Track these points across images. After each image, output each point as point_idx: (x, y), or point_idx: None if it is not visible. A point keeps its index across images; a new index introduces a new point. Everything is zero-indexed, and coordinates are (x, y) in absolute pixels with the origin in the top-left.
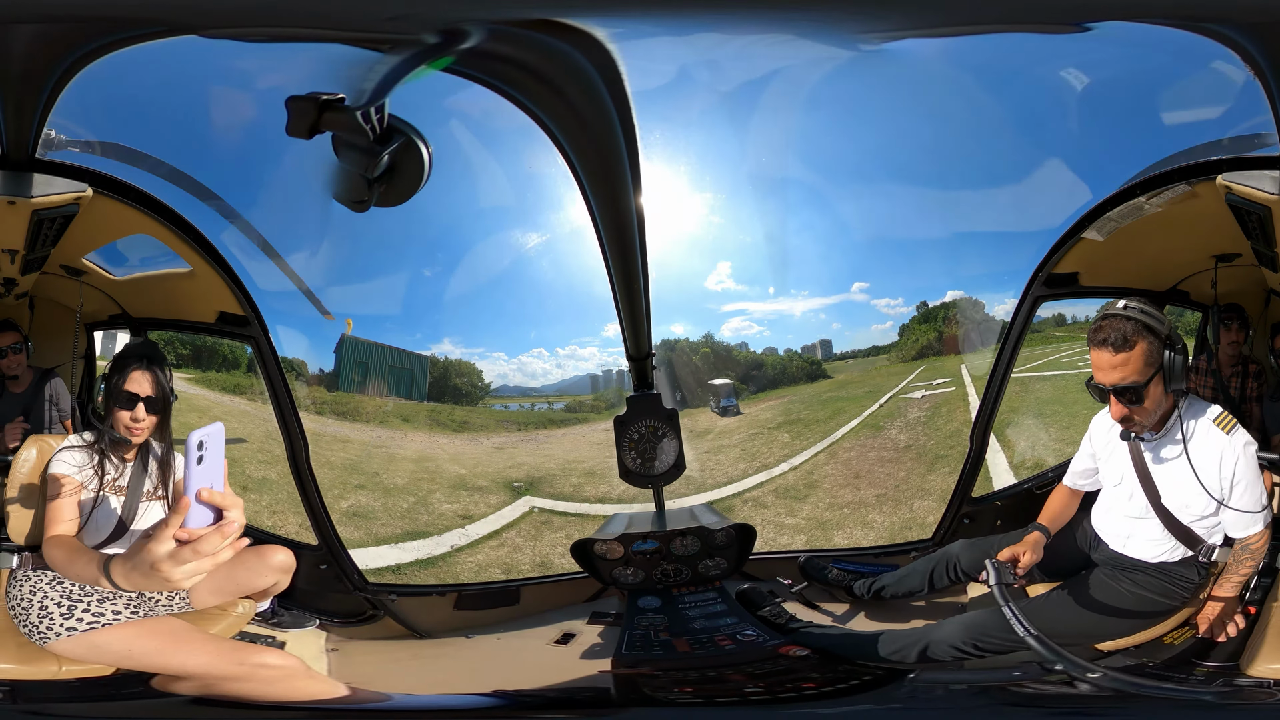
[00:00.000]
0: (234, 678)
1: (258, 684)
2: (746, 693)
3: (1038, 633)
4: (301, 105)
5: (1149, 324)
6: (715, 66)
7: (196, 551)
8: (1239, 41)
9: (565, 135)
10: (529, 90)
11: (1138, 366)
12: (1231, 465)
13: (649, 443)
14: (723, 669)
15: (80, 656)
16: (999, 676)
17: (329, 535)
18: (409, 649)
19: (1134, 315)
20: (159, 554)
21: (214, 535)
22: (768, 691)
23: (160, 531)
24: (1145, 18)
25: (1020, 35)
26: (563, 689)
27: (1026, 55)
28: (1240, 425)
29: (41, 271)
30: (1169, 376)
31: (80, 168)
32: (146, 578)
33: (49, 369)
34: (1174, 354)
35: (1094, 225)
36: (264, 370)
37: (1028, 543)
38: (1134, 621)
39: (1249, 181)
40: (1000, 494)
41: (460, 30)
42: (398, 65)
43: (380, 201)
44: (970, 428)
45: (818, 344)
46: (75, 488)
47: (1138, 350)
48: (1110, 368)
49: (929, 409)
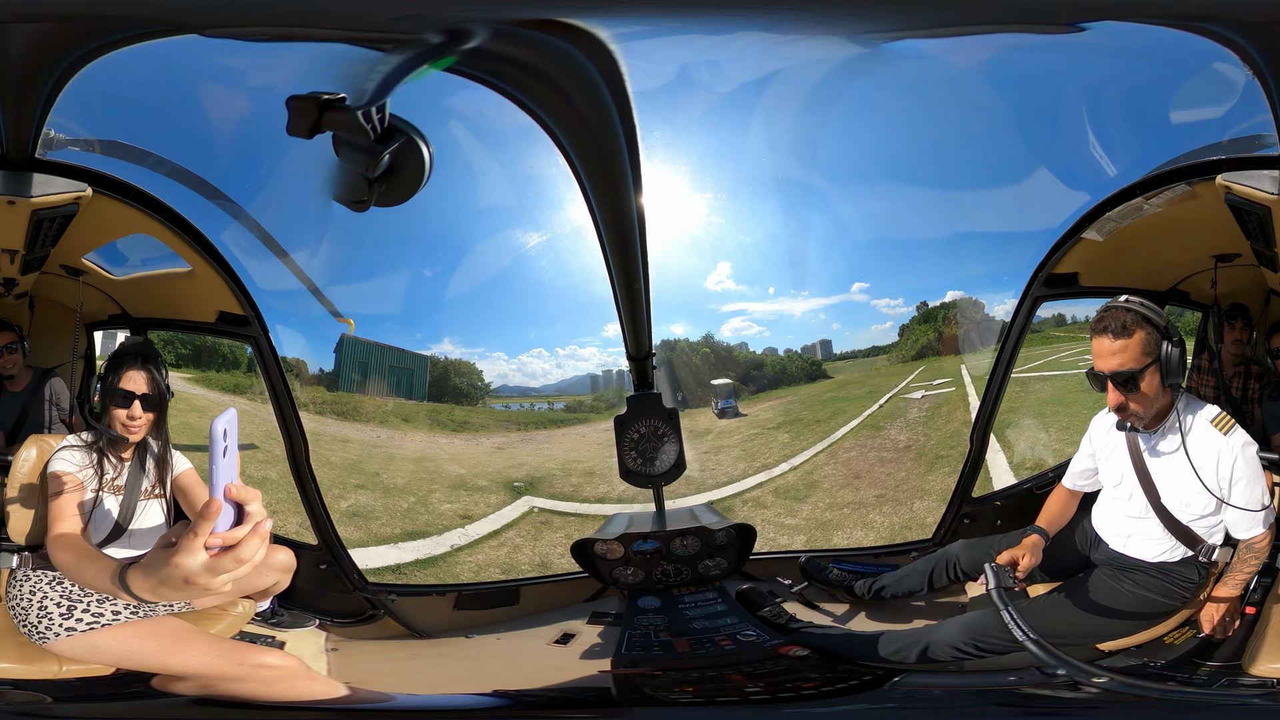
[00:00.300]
0: (234, 678)
1: (258, 684)
2: (746, 692)
3: (1037, 637)
4: (302, 105)
5: (1148, 315)
6: (716, 67)
7: (238, 559)
8: (1238, 42)
9: (566, 135)
10: (530, 90)
11: (1135, 354)
12: (1230, 464)
13: (649, 442)
14: (723, 669)
15: (80, 656)
16: (996, 680)
17: (329, 535)
18: (408, 649)
19: (1134, 307)
20: (192, 567)
21: (252, 538)
22: (767, 691)
23: (188, 543)
24: (1143, 18)
25: (1021, 36)
26: (562, 689)
27: (1028, 56)
28: (1239, 426)
29: (41, 271)
30: (1166, 369)
31: (80, 167)
32: (180, 590)
33: (48, 369)
34: (1172, 347)
35: (1094, 225)
36: (264, 370)
37: (1026, 545)
38: (1135, 622)
39: (1248, 181)
40: (1000, 494)
41: (462, 30)
42: (400, 65)
43: (380, 201)
44: (970, 428)
45: (818, 344)
46: (77, 485)
47: (1136, 338)
48: (1109, 354)
49: (929, 409)
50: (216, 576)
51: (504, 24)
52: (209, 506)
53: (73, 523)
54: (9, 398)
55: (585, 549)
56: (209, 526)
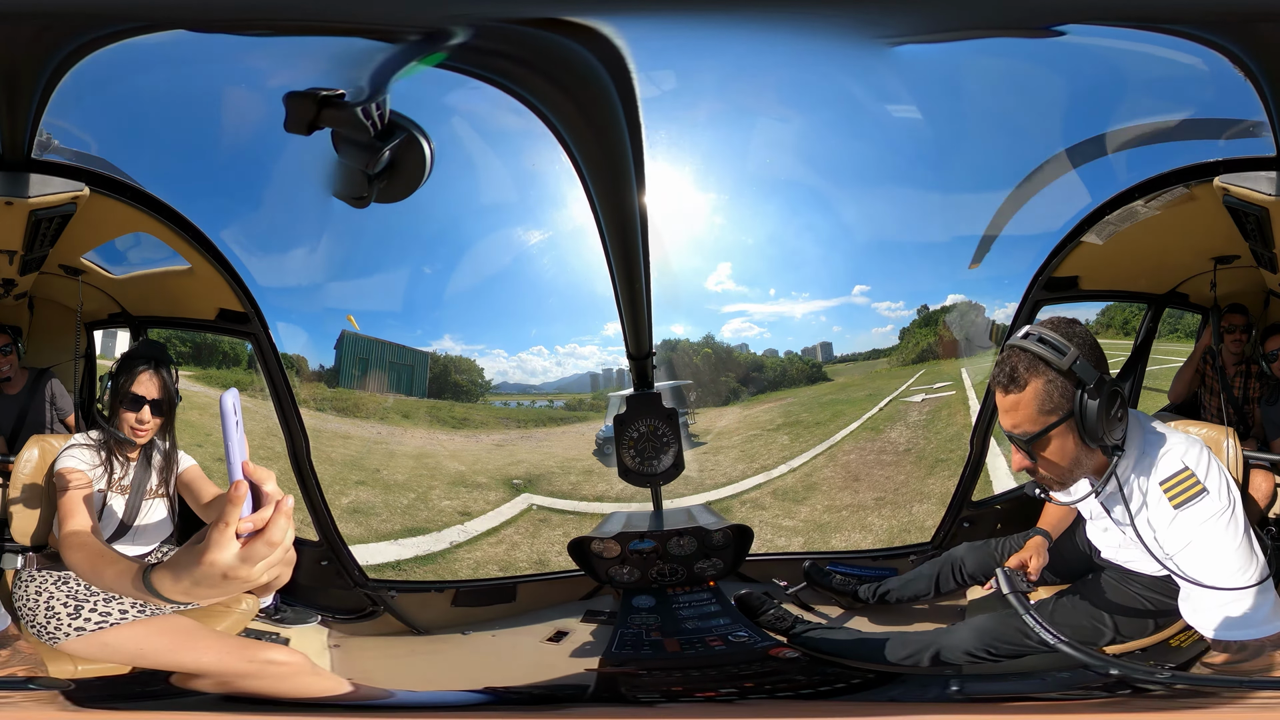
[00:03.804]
0: (245, 674)
1: (269, 680)
2: (732, 692)
3: (1068, 639)
4: (300, 101)
5: (1046, 358)
6: (723, 68)
7: (269, 543)
8: (1231, 45)
9: (571, 133)
10: (536, 88)
11: (1029, 413)
12: (1183, 545)
13: (648, 442)
14: (709, 669)
15: (92, 656)
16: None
17: (330, 531)
18: (408, 645)
19: (1029, 346)
20: (227, 559)
21: (279, 518)
22: (754, 692)
23: (220, 535)
24: (1134, 22)
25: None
26: (547, 686)
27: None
28: (1206, 491)
29: (40, 271)
30: (1083, 428)
31: (77, 167)
32: (218, 588)
33: (44, 369)
34: (1089, 398)
35: (1093, 229)
36: (264, 367)
37: (1031, 547)
38: (1147, 622)
39: (1245, 183)
40: (1000, 498)
41: (468, 27)
42: (396, 60)
43: (381, 197)
44: (971, 431)
45: (818, 346)
46: (86, 482)
47: (1029, 392)
48: (1002, 411)
49: (929, 412)
50: (254, 566)
51: (514, 23)
52: (236, 489)
53: (83, 520)
54: (6, 400)
55: (582, 547)
56: (238, 511)
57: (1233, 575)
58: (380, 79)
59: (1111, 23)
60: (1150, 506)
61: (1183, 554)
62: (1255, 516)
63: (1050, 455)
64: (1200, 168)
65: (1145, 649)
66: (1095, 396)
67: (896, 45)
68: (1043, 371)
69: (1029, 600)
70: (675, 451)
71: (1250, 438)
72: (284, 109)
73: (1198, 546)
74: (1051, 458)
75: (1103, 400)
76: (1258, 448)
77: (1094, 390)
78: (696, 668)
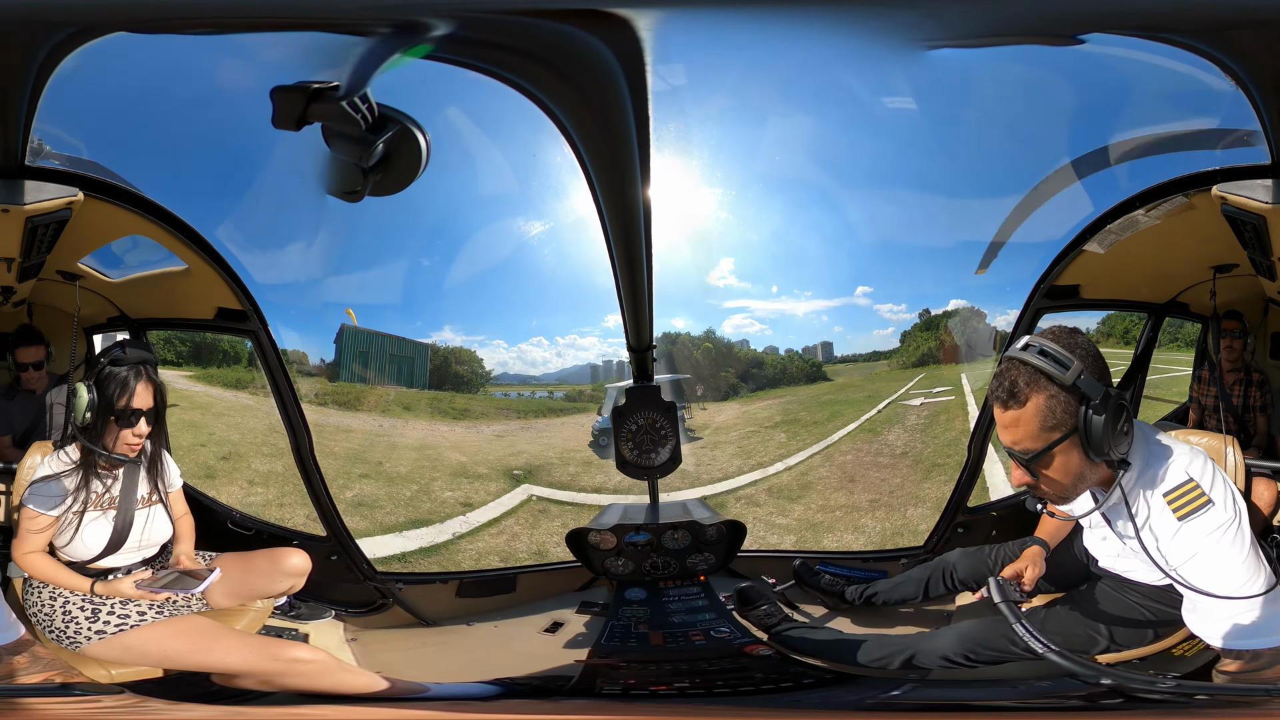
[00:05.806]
0: (273, 674)
1: (297, 679)
2: (703, 688)
3: (1058, 648)
4: (287, 96)
5: (1049, 372)
6: (731, 66)
7: None
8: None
9: (576, 125)
10: (542, 81)
11: (1031, 430)
12: (1194, 560)
13: (646, 434)
14: (686, 663)
15: (117, 659)
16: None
17: (336, 526)
18: (418, 637)
19: (1030, 360)
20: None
21: None
22: (721, 689)
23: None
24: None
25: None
26: (538, 678)
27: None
28: (1212, 502)
29: (38, 278)
30: (1088, 444)
31: (70, 172)
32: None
33: (63, 375)
34: (1094, 413)
35: (1095, 238)
36: (264, 364)
37: (1028, 557)
38: (1145, 631)
39: (1243, 191)
40: (996, 504)
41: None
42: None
43: (376, 190)
44: (969, 437)
45: (819, 345)
46: (48, 525)
47: (1031, 408)
48: (1001, 427)
49: (927, 416)
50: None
51: (526, 14)
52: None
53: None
54: (27, 398)
55: (580, 538)
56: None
57: (1242, 585)
58: (364, 71)
59: (1113, 30)
60: (1153, 518)
61: (1188, 565)
62: (1259, 524)
63: (1053, 472)
64: (1199, 176)
65: (1144, 658)
66: (1100, 412)
67: (913, 50)
68: (1045, 387)
69: (1020, 610)
70: (673, 445)
71: (1252, 446)
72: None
73: (1204, 558)
74: (1054, 474)
75: (1108, 415)
76: (1259, 457)
77: (1099, 405)
78: (673, 662)
